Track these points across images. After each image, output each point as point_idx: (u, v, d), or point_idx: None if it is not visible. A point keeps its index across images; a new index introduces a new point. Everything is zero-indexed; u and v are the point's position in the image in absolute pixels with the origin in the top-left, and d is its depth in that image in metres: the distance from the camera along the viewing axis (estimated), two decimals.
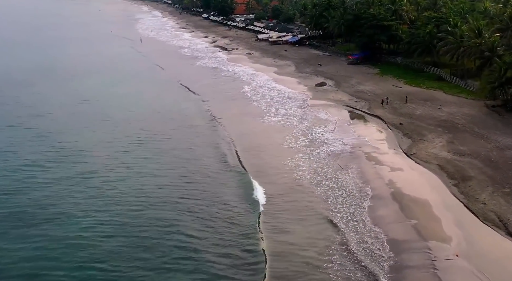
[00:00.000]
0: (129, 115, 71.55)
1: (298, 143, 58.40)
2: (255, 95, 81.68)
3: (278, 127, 64.83)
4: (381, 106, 72.76)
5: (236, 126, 66.21)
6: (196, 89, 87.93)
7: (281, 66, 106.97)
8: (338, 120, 67.03)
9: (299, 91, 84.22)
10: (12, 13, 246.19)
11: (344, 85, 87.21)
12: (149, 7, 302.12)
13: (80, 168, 51.58)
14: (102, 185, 47.40)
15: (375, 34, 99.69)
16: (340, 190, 45.53)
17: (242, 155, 55.40)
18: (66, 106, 76.10)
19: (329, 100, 77.85)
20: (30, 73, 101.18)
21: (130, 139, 60.82)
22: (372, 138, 59.17)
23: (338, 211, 41.55)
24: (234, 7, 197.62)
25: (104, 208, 42.85)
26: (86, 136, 61.78)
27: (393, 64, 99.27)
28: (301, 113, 70.68)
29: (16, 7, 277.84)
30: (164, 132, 63.90)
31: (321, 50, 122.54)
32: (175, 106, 76.77)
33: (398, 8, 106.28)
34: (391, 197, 43.31)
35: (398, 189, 44.74)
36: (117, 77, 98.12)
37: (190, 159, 54.26)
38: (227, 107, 75.52)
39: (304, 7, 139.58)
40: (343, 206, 42.33)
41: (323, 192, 45.30)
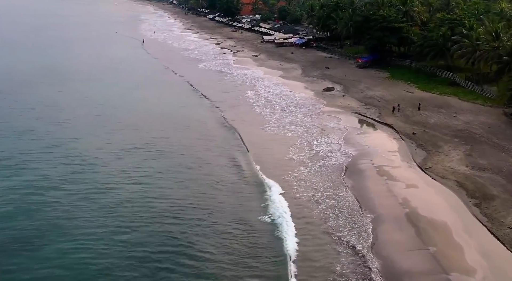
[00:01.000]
0: (145, 122, 67.35)
1: (302, 155, 54.19)
2: (258, 101, 77.68)
3: (281, 137, 60.66)
4: (392, 113, 68.66)
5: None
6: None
7: (287, 69, 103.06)
8: (346, 129, 62.96)
9: (305, 96, 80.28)
10: (13, 14, 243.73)
11: (353, 90, 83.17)
12: (155, 7, 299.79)
13: (95, 179, 48.20)
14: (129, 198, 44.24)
15: (385, 36, 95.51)
16: (346, 211, 41.48)
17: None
18: (77, 111, 72.20)
19: (337, 106, 73.84)
20: (38, 74, 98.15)
21: (148, 149, 56.77)
22: (383, 149, 55.10)
23: (342, 234, 37.58)
24: (240, 8, 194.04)
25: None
26: (101, 144, 57.88)
27: (404, 68, 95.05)
28: (307, 121, 66.62)
29: (16, 7, 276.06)
30: (181, 141, 59.58)
31: (328, 53, 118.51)
32: (180, 109, 74.11)
33: (410, 9, 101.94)
34: (406, 219, 39.27)
35: (413, 210, 40.69)
36: (127, 81, 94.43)
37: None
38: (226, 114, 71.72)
39: (312, 8, 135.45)
40: (346, 229, 38.31)
41: (324, 212, 41.24)
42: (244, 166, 51.97)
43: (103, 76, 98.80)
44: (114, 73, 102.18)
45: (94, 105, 75.42)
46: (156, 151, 56.18)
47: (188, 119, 68.92)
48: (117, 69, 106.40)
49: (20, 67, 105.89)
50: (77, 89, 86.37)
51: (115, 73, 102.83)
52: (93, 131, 62.52)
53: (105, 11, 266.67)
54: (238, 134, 61.91)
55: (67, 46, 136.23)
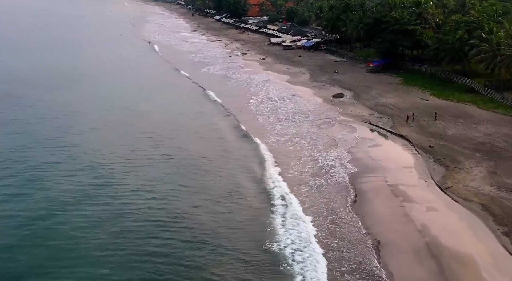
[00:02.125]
0: (163, 130, 63.67)
1: (305, 171, 49.56)
2: (262, 109, 73.08)
3: (282, 150, 55.84)
4: (406, 123, 63.95)
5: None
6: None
7: (295, 73, 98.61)
8: (357, 140, 58.35)
9: (313, 103, 75.74)
10: (14, 14, 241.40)
11: (364, 97, 78.55)
12: (162, 8, 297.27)
13: (116, 188, 45.59)
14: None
15: (397, 39, 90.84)
16: (353, 239, 36.95)
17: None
18: (90, 117, 68.51)
19: (347, 115, 69.24)
20: (46, 77, 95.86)
21: (169, 161, 52.96)
22: (398, 165, 50.48)
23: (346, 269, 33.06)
24: (247, 9, 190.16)
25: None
26: (116, 155, 54.21)
27: (417, 73, 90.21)
28: (314, 132, 61.90)
29: (17, 7, 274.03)
30: (202, 154, 55.21)
31: (338, 56, 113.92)
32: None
33: (423, 11, 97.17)
34: (426, 251, 34.62)
35: (434, 239, 36.07)
36: (135, 85, 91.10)
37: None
38: (223, 124, 67.15)
39: (320, 9, 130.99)
40: (352, 263, 33.67)
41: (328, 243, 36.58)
42: (239, 183, 47.67)
43: (111, 79, 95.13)
44: (122, 76, 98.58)
45: (105, 111, 72.21)
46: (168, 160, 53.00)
47: (184, 126, 65.00)
48: (125, 72, 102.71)
49: (27, 69, 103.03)
50: (87, 93, 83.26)
51: (123, 76, 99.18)
52: (107, 141, 58.87)
53: (111, 11, 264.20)
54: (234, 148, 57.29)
55: (74, 48, 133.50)
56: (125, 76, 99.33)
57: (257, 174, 49.43)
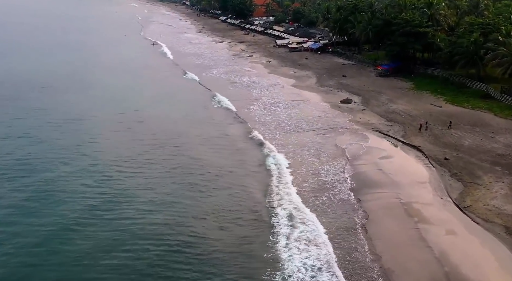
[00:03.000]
0: (165, 136, 61.46)
1: (305, 186, 45.96)
2: (264, 115, 69.45)
3: None
4: (419, 132, 60.14)
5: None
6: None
7: (301, 77, 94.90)
8: (365, 151, 54.62)
9: (319, 110, 71.96)
10: (16, 14, 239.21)
11: (373, 102, 74.76)
12: (167, 8, 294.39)
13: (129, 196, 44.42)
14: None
15: (408, 42, 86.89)
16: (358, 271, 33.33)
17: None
18: (102, 124, 66.35)
19: (355, 122, 65.49)
20: (53, 80, 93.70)
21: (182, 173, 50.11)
22: (411, 180, 46.71)
23: None
24: (252, 10, 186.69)
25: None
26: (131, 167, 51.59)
27: (429, 77, 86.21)
28: (318, 142, 58.06)
29: (18, 7, 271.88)
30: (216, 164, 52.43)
31: (345, 59, 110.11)
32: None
33: (435, 12, 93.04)
34: None
35: (454, 269, 32.31)
36: (142, 89, 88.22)
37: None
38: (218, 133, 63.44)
39: (328, 10, 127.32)
40: None
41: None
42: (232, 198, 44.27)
43: (111, 83, 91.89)
44: (124, 80, 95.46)
45: (116, 117, 69.79)
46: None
47: (182, 134, 61.66)
48: (125, 76, 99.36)
49: (33, 72, 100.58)
50: (93, 97, 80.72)
51: (125, 79, 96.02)
52: (119, 150, 56.31)
53: (116, 12, 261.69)
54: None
55: (74, 50, 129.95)
56: (126, 79, 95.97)
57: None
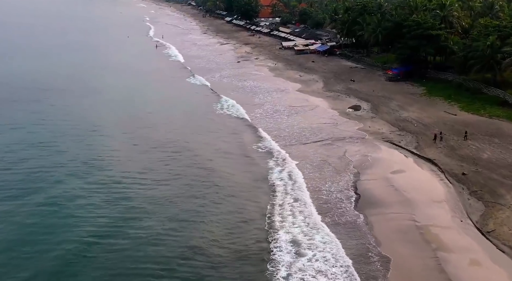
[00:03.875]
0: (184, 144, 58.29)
1: (307, 209, 41.92)
2: (264, 124, 65.43)
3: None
4: (433, 143, 56.18)
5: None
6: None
7: (307, 81, 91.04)
8: (375, 164, 50.75)
9: (326, 117, 68.10)
10: (16, 14, 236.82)
11: (383, 109, 70.82)
12: (173, 9, 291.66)
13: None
14: None
15: (420, 45, 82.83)
16: None
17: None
18: (112, 132, 62.61)
19: (364, 131, 61.58)
20: (59, 83, 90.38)
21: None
22: (426, 198, 42.75)
23: None
24: (258, 10, 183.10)
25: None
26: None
27: (441, 82, 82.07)
28: (323, 154, 53.98)
29: (19, 7, 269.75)
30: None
31: (354, 62, 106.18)
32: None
33: (448, 14, 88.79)
34: None
35: None
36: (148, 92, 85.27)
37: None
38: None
39: (335, 11, 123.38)
40: None
41: None
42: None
43: (124, 86, 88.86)
44: (125, 83, 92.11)
45: (126, 123, 66.48)
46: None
47: (177, 146, 57.88)
48: (126, 78, 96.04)
49: (38, 74, 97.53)
50: (106, 101, 77.67)
51: (126, 82, 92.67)
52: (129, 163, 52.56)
53: (120, 13, 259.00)
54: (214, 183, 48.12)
55: (84, 52, 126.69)
56: (123, 83, 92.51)
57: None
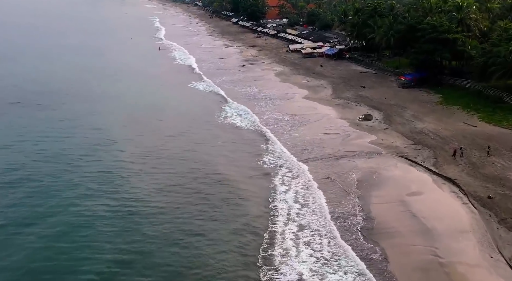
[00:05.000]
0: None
1: (304, 235, 37.39)
2: (264, 133, 61.15)
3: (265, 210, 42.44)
4: (453, 159, 51.19)
5: None
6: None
7: (314, 88, 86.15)
8: (389, 184, 45.87)
9: (334, 129, 63.02)
10: (19, 15, 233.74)
11: (396, 119, 65.82)
12: (179, 9, 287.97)
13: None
14: None
15: (436, 50, 77.73)
16: None
17: None
18: (124, 146, 58.04)
19: (377, 144, 56.69)
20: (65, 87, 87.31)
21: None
22: (449, 227, 37.80)
23: None
24: (265, 12, 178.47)
25: None
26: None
27: (458, 89, 76.94)
28: (327, 172, 49.28)
29: (22, 7, 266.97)
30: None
31: (364, 66, 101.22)
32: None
33: (465, 16, 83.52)
34: None
35: None
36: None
37: None
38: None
39: (345, 13, 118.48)
40: None
41: None
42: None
43: (123, 93, 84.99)
44: (126, 87, 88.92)
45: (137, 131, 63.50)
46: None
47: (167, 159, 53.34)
48: (125, 83, 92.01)
49: (35, 78, 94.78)
50: (115, 108, 74.38)
51: (127, 86, 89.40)
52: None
53: (126, 13, 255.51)
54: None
55: (84, 54, 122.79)
56: (124, 89, 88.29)
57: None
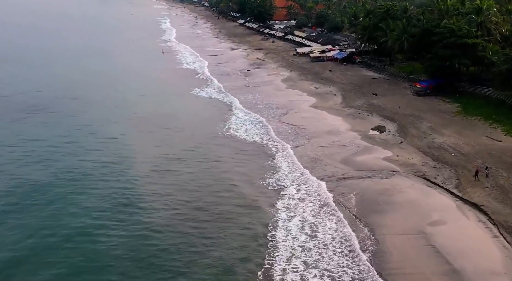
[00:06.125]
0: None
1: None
2: (265, 145, 56.19)
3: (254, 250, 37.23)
4: (476, 179, 46.01)
5: None
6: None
7: (323, 95, 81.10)
8: (406, 210, 40.83)
9: (344, 142, 58.07)
10: (21, 15, 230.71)
11: (412, 132, 60.61)
12: (186, 10, 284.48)
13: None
14: None
15: (453, 56, 72.42)
16: None
17: None
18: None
19: (392, 161, 51.59)
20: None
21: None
22: (479, 268, 32.63)
23: None
24: (272, 13, 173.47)
25: None
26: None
27: (478, 97, 71.69)
28: (337, 191, 44.62)
29: (28, 8, 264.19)
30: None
31: (375, 71, 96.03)
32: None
33: (486, 19, 78.13)
34: None
35: None
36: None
37: None
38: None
39: (355, 15, 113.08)
40: None
41: None
42: None
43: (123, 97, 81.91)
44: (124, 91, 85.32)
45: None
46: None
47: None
48: (124, 90, 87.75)
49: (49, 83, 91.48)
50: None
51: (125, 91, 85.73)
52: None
53: (132, 14, 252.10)
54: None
55: (91, 58, 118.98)
56: (124, 95, 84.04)
57: None
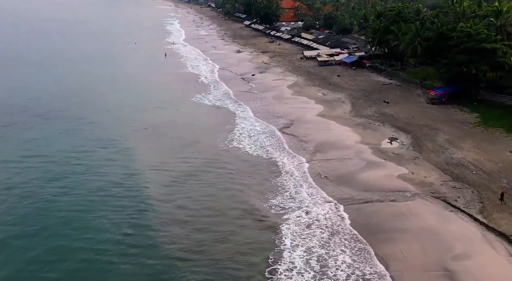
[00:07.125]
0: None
1: None
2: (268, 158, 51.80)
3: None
4: (502, 203, 41.29)
5: None
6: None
7: (331, 102, 76.50)
8: (424, 242, 36.20)
9: (353, 157, 53.44)
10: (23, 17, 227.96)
11: (428, 145, 55.86)
12: (192, 10, 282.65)
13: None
14: None
15: (471, 61, 67.59)
16: None
17: None
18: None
19: (407, 180, 46.95)
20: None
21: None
22: None
23: None
24: (279, 14, 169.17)
25: None
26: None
27: (498, 106, 66.96)
28: (340, 216, 40.29)
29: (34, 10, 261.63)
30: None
31: (386, 76, 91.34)
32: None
33: (506, 22, 73.11)
34: None
35: None
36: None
37: None
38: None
39: (365, 18, 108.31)
40: None
41: None
42: None
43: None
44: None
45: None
46: None
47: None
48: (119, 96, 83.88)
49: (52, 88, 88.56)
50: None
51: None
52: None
53: (137, 15, 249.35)
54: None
55: (92, 61, 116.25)
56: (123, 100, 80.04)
57: None
